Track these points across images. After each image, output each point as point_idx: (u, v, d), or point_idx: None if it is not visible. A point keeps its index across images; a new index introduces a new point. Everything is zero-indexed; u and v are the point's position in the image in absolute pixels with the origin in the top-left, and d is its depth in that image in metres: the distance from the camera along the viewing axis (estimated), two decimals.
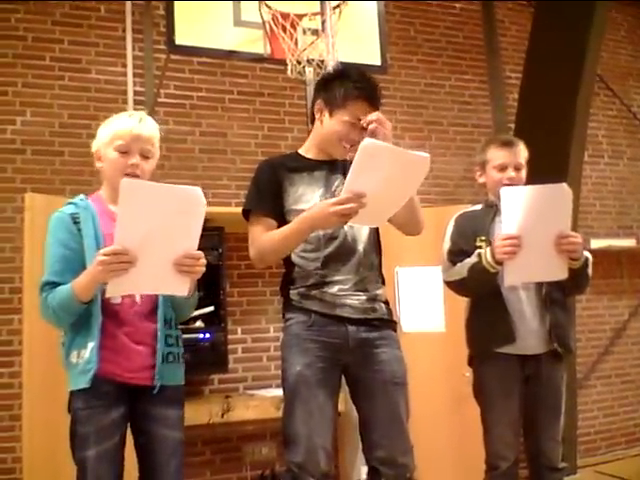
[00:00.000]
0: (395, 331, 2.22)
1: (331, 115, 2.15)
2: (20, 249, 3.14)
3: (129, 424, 1.97)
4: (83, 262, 1.87)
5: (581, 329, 4.81)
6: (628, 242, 5.06)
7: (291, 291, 2.16)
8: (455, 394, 3.38)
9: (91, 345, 1.86)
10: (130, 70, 4.02)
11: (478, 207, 2.66)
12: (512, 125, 4.82)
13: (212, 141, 4.10)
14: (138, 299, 1.96)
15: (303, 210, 2.09)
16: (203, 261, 1.83)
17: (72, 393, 1.92)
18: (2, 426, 3.41)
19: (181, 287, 1.83)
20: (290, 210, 2.13)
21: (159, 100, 4.00)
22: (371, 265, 2.20)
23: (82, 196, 2.05)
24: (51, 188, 3.66)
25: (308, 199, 2.14)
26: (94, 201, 2.04)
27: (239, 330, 4.03)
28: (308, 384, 2.03)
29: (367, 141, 1.82)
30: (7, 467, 3.37)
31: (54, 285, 1.88)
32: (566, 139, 4.29)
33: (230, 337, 3.84)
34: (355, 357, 2.10)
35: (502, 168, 2.52)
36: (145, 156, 2.01)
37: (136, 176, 1.94)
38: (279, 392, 2.18)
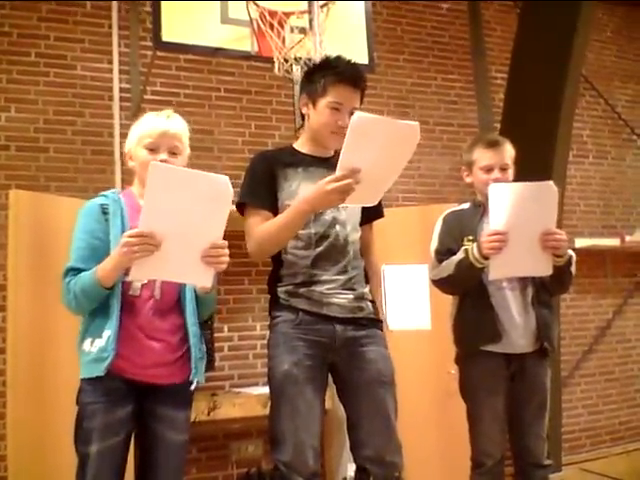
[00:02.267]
0: (382, 330, 2.22)
1: (315, 106, 2.15)
2: (4, 246, 3.11)
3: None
4: (108, 252, 1.87)
5: (565, 327, 4.84)
6: (612, 241, 5.09)
7: (278, 289, 2.15)
8: (441, 392, 3.39)
9: (107, 333, 1.85)
10: (116, 67, 4.01)
11: (466, 206, 2.67)
12: (498, 125, 4.84)
13: (199, 139, 4.07)
14: (157, 294, 1.95)
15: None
16: (227, 252, 1.81)
17: (81, 383, 1.91)
18: None
19: (205, 278, 1.82)
20: (283, 205, 2.10)
21: (145, 97, 3.98)
22: (359, 266, 2.20)
23: (114, 190, 2.08)
24: (36, 185, 3.64)
25: (301, 195, 2.10)
26: (125, 196, 2.05)
27: (225, 328, 4.02)
28: (295, 382, 2.02)
29: (357, 115, 1.81)
30: None
31: (78, 271, 1.89)
32: (551, 139, 4.32)
33: (216, 335, 3.84)
34: (342, 356, 2.10)
35: (488, 169, 2.52)
36: (173, 152, 2.02)
37: None
38: (265, 390, 2.18)
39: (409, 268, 3.55)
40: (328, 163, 2.16)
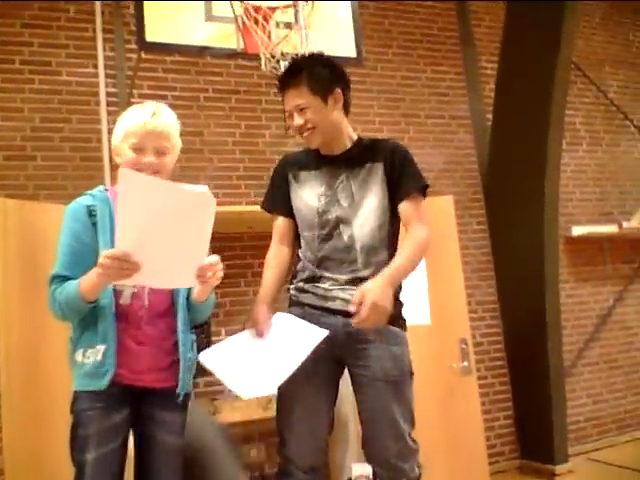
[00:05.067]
0: (393, 325, 2.11)
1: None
2: None
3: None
4: (95, 257, 1.73)
5: (566, 317, 4.81)
6: (609, 228, 5.07)
7: (291, 286, 2.20)
8: (444, 385, 3.35)
9: (102, 348, 1.80)
10: (102, 71, 3.96)
11: None
12: (489, 115, 4.81)
13: (188, 140, 4.02)
14: (146, 302, 1.88)
15: (298, 209, 2.16)
16: (220, 266, 1.79)
17: (75, 393, 1.85)
18: None
19: (188, 280, 1.77)
20: (294, 207, 2.20)
21: (132, 100, 3.92)
22: (371, 263, 2.11)
23: (101, 187, 1.96)
24: (25, 194, 3.59)
25: (307, 197, 2.16)
26: (113, 195, 1.90)
27: (223, 331, 3.97)
28: (297, 377, 1.97)
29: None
30: None
31: (63, 279, 1.81)
32: (544, 127, 4.29)
33: (214, 339, 3.77)
34: (344, 351, 2.09)
35: None
36: (161, 152, 1.89)
37: (156, 172, 1.84)
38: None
39: None
40: (335, 160, 2.19)
